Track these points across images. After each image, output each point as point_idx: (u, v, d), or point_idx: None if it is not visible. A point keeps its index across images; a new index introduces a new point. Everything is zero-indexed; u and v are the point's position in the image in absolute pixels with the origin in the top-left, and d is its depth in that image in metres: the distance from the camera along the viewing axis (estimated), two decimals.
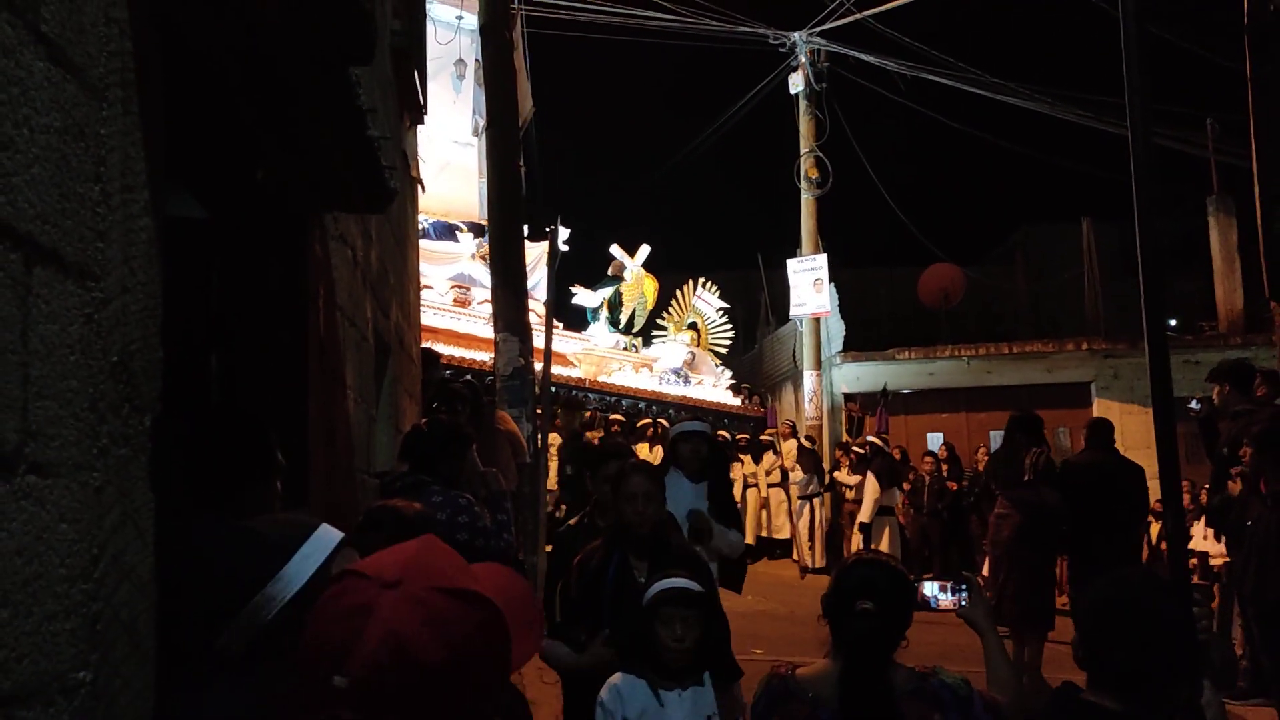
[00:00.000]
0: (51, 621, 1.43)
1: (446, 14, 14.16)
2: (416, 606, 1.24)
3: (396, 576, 1.27)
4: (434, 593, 1.26)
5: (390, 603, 1.24)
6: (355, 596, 1.26)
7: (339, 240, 4.10)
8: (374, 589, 1.26)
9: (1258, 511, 6.14)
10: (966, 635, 2.85)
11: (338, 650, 1.23)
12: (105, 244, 1.65)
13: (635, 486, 3.80)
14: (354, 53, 2.33)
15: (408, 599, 1.25)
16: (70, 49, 1.52)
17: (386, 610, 1.23)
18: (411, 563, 1.30)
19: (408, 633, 1.22)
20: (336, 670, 1.22)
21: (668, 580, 3.21)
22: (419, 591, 1.26)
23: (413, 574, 1.28)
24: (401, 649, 1.21)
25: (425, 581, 1.27)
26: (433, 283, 13.81)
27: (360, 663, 1.21)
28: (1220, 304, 17.78)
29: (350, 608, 1.25)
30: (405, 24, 6.06)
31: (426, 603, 1.25)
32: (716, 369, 18.91)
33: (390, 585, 1.26)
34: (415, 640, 1.21)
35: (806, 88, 17.76)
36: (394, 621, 1.23)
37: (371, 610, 1.24)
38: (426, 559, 1.32)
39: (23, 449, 1.36)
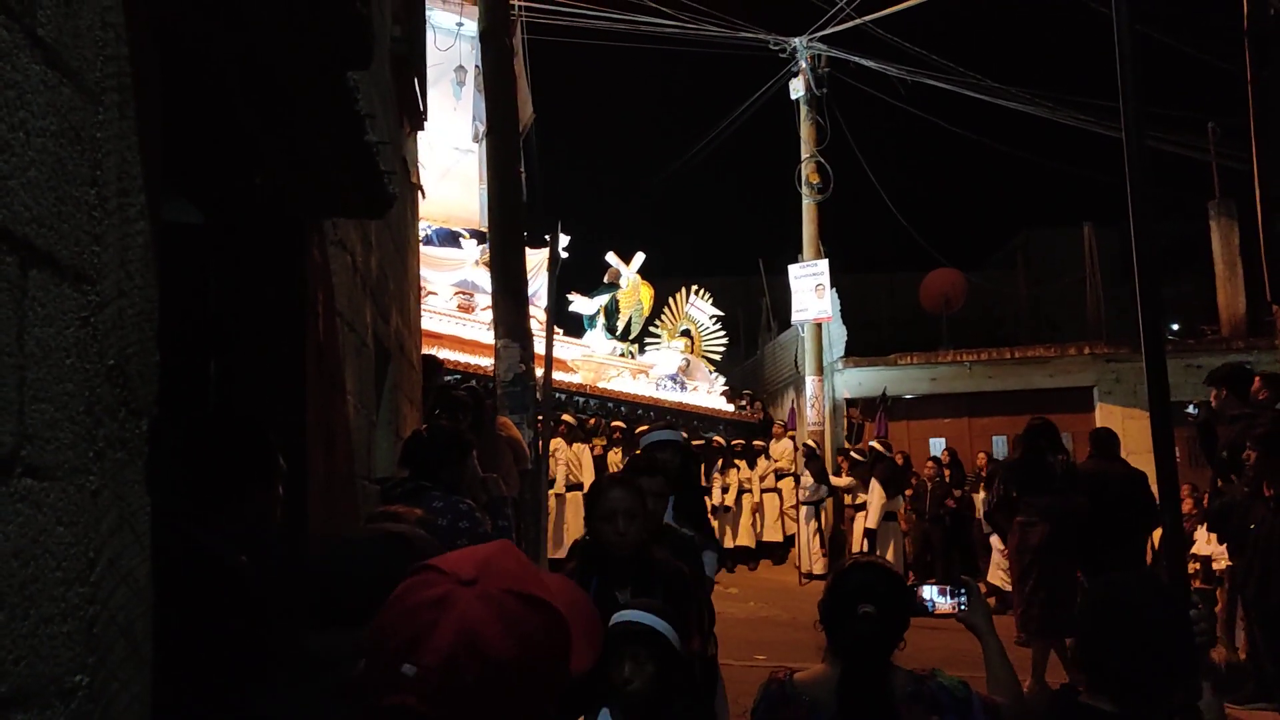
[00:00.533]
0: (48, 625, 1.43)
1: (446, 20, 14.18)
2: (490, 604, 1.29)
3: (473, 575, 1.32)
4: (507, 594, 1.31)
5: (466, 599, 1.29)
6: (432, 590, 1.32)
7: (338, 246, 4.10)
8: (451, 584, 1.31)
9: (1261, 515, 6.14)
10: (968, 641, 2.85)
11: (410, 640, 1.28)
12: (101, 248, 1.65)
13: (615, 503, 3.37)
14: (351, 57, 2.34)
15: (483, 596, 1.30)
16: (66, 53, 1.53)
17: (462, 606, 1.28)
18: (487, 563, 1.36)
19: (481, 629, 1.27)
20: (407, 659, 1.26)
21: (622, 614, 2.92)
22: (493, 590, 1.31)
23: (488, 574, 1.33)
24: (474, 643, 1.26)
25: (500, 582, 1.32)
26: (437, 289, 13.86)
27: (434, 653, 1.26)
28: (1222, 308, 17.76)
29: (427, 600, 1.31)
30: (405, 30, 6.07)
31: (500, 602, 1.30)
32: (711, 375, 18.96)
33: (467, 583, 1.31)
34: (487, 636, 1.27)
35: (807, 93, 17.78)
36: (469, 617, 1.28)
37: (448, 604, 1.29)
38: (501, 561, 1.38)
39: (19, 452, 1.36)
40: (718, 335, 19.57)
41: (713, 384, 18.80)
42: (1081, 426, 17.62)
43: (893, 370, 17.98)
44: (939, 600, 2.74)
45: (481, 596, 1.30)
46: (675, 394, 17.40)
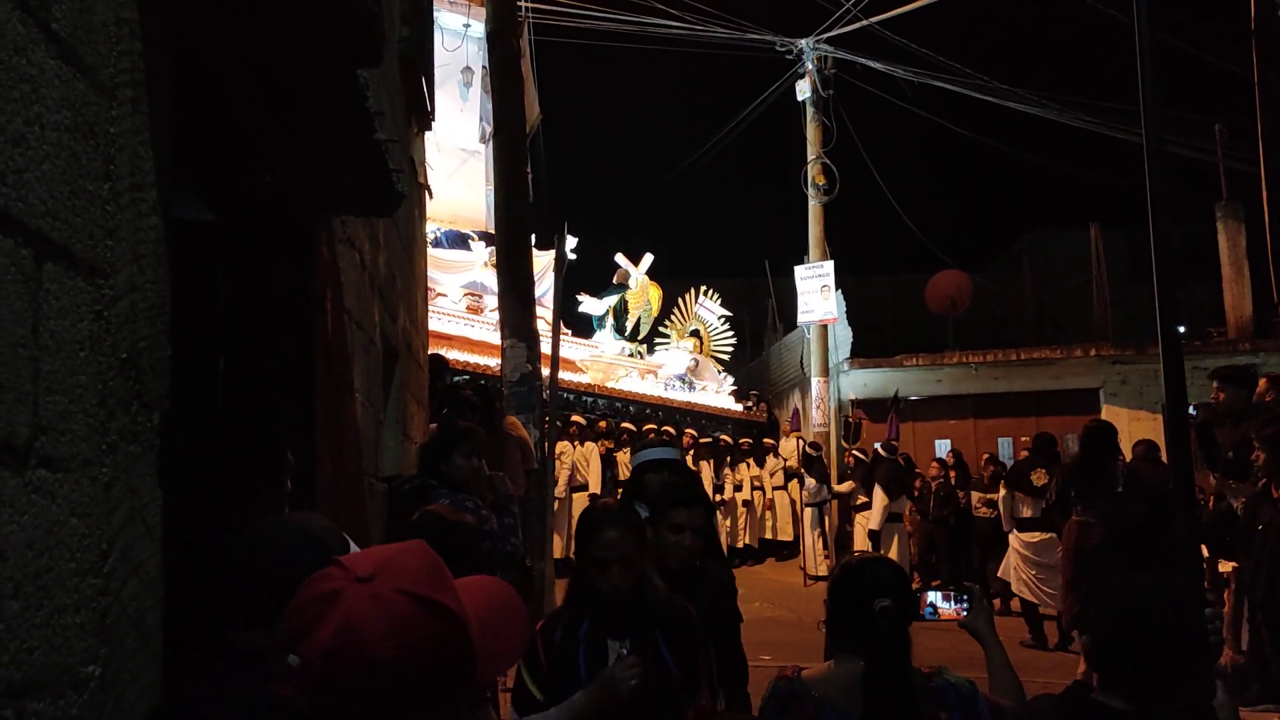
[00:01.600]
0: (62, 615, 1.44)
1: (454, 21, 14.21)
2: (379, 603, 1.29)
3: (370, 572, 1.32)
4: (400, 594, 1.30)
5: (355, 596, 1.29)
6: (327, 585, 1.32)
7: (346, 244, 4.11)
8: (346, 580, 1.31)
9: (1269, 516, 6.13)
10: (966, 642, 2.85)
11: (299, 632, 1.29)
12: (114, 241, 1.66)
13: (608, 549, 2.88)
14: (362, 55, 2.34)
15: (373, 595, 1.29)
16: (81, 48, 1.54)
17: (350, 602, 1.28)
18: (388, 562, 1.35)
19: (363, 627, 1.27)
20: (293, 650, 1.26)
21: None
22: (386, 590, 1.30)
23: (386, 572, 1.33)
24: (354, 641, 1.27)
25: (396, 582, 1.32)
26: (446, 290, 13.92)
27: (314, 647, 1.27)
28: (1229, 310, 17.73)
29: (319, 595, 1.32)
30: (413, 30, 6.08)
31: (390, 602, 1.29)
32: (719, 375, 19.00)
33: (362, 580, 1.31)
34: (368, 635, 1.27)
35: (813, 94, 17.78)
36: (354, 614, 1.28)
37: (337, 600, 1.30)
38: (404, 560, 1.37)
39: (34, 443, 1.37)
40: (726, 335, 19.59)
41: (721, 384, 18.84)
42: None
43: (898, 372, 17.97)
44: (942, 605, 2.74)
45: (372, 595, 1.29)
46: (684, 394, 17.45)
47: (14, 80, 1.33)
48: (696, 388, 18.01)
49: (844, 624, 2.50)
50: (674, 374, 17.67)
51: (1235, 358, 14.99)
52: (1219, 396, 7.18)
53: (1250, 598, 6.35)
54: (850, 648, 2.45)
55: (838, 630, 2.52)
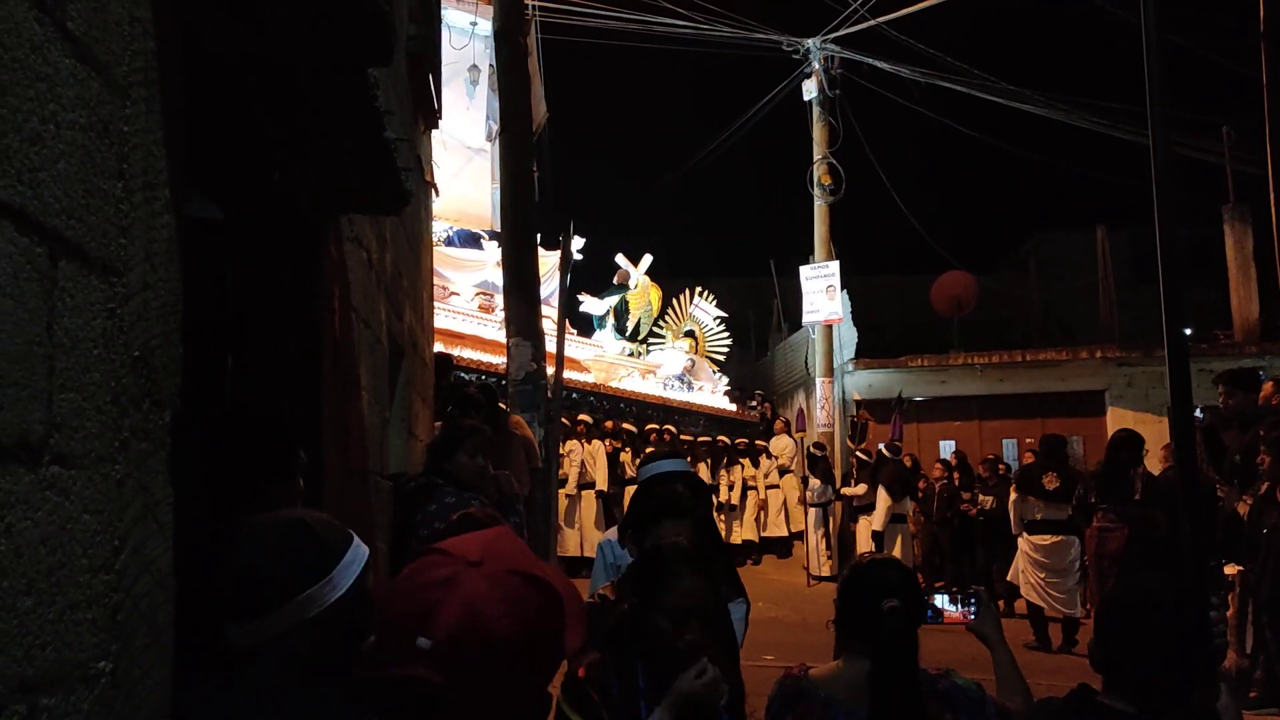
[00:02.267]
0: (74, 611, 1.44)
1: (461, 19, 14.22)
2: (495, 584, 1.41)
3: (479, 557, 1.45)
4: (509, 574, 1.44)
5: (472, 579, 1.41)
6: (441, 570, 1.41)
7: (354, 242, 4.12)
8: (459, 565, 1.43)
9: (1274, 519, 6.13)
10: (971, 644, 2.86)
11: (421, 616, 1.39)
12: (127, 240, 1.67)
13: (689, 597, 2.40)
14: (373, 54, 2.35)
15: (487, 577, 1.42)
16: (96, 46, 1.54)
17: (468, 585, 1.41)
18: (491, 546, 1.48)
19: (485, 606, 1.37)
20: (420, 633, 1.30)
21: None
22: (498, 571, 1.39)
23: (492, 555, 1.45)
24: (478, 620, 1.36)
25: (503, 563, 1.45)
26: (459, 290, 13.98)
27: (441, 627, 1.37)
28: (1235, 312, 17.70)
29: (435, 580, 1.41)
30: (421, 29, 6.09)
31: (502, 582, 1.43)
32: (714, 375, 19.06)
33: (474, 564, 1.43)
34: (490, 613, 1.36)
35: (820, 94, 17.78)
36: (475, 595, 1.40)
37: (455, 584, 1.39)
38: (504, 544, 1.50)
39: (48, 440, 1.38)
40: (721, 336, 19.61)
41: (716, 384, 18.88)
42: (1092, 430, 17.61)
43: (903, 373, 17.96)
44: (949, 608, 2.75)
45: (487, 577, 1.41)
46: (682, 394, 17.51)
47: (30, 79, 1.34)
48: (694, 388, 18.06)
49: (852, 624, 2.50)
50: (672, 374, 17.71)
51: (1241, 360, 14.97)
52: (1225, 400, 7.17)
53: (1255, 601, 6.35)
54: (858, 647, 2.46)
55: (846, 630, 2.53)
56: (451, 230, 14.53)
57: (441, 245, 14.16)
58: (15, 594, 1.28)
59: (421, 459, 5.82)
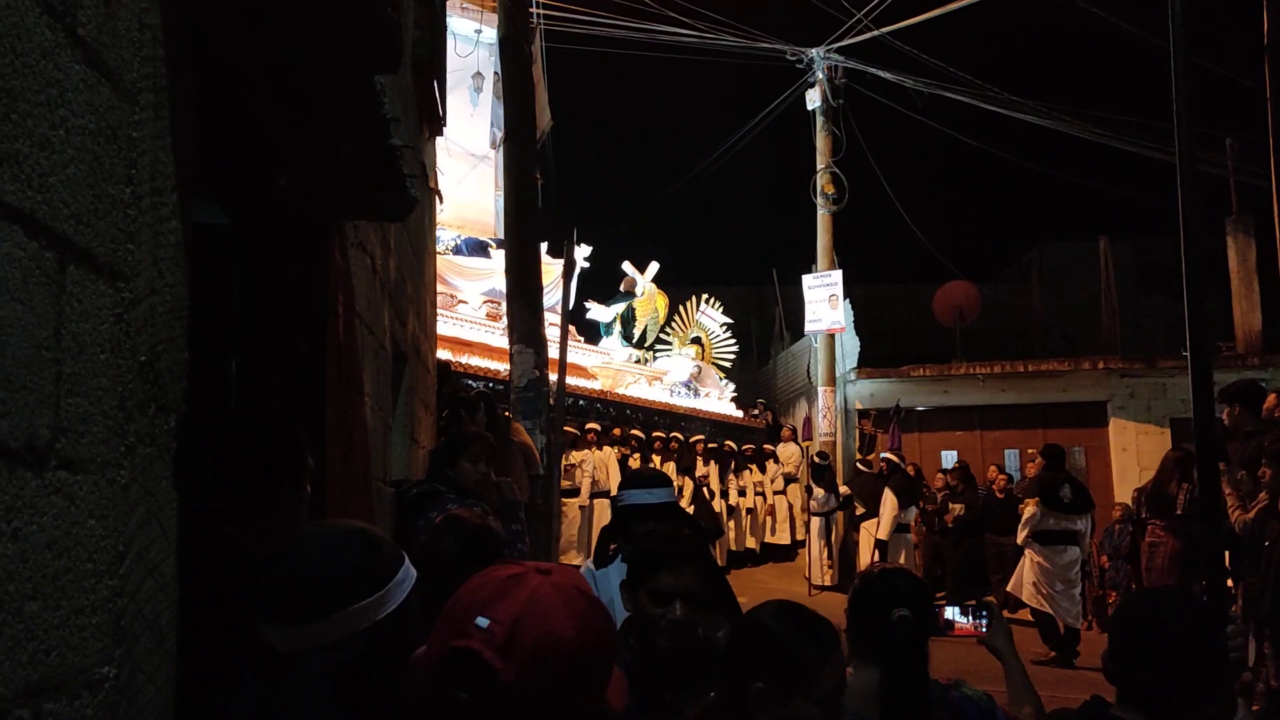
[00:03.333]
0: (78, 616, 1.44)
1: (465, 27, 14.24)
2: (560, 591, 1.46)
3: (549, 568, 1.50)
4: (575, 589, 1.48)
5: (539, 581, 1.46)
6: (512, 569, 1.49)
7: (359, 248, 4.12)
8: (529, 569, 1.49)
9: (1276, 532, 6.11)
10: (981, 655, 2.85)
11: (486, 600, 1.43)
12: (135, 245, 1.67)
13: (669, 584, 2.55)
14: (380, 61, 2.36)
15: (554, 584, 1.47)
16: (105, 53, 1.55)
17: (535, 584, 1.45)
18: (560, 567, 1.56)
19: (548, 604, 1.43)
20: (481, 614, 1.42)
21: None
22: (564, 583, 1.48)
23: (559, 570, 1.52)
24: (540, 613, 1.42)
25: (569, 579, 1.50)
26: (467, 298, 14.00)
27: (504, 611, 1.41)
28: (1238, 324, 17.67)
29: (505, 574, 1.47)
30: (426, 36, 6.10)
31: (568, 592, 1.47)
32: (721, 382, 19.10)
33: (543, 571, 1.49)
34: (552, 612, 1.43)
35: (824, 104, 17.78)
36: (539, 593, 1.44)
37: (523, 580, 1.46)
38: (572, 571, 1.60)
39: (54, 444, 1.38)
40: (728, 342, 19.63)
41: (723, 391, 18.90)
42: (1094, 441, 17.60)
43: (905, 382, 17.95)
44: (960, 620, 2.75)
45: (554, 584, 1.46)
46: (689, 400, 17.54)
47: (41, 84, 1.34)
48: (701, 394, 18.08)
49: (863, 633, 2.50)
50: (678, 380, 17.73)
51: (1244, 372, 14.94)
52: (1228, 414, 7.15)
53: (1257, 613, 6.33)
54: (868, 656, 2.45)
55: (856, 639, 2.52)
56: (459, 238, 14.54)
57: (449, 253, 14.18)
58: (21, 598, 1.28)
59: (424, 465, 5.82)
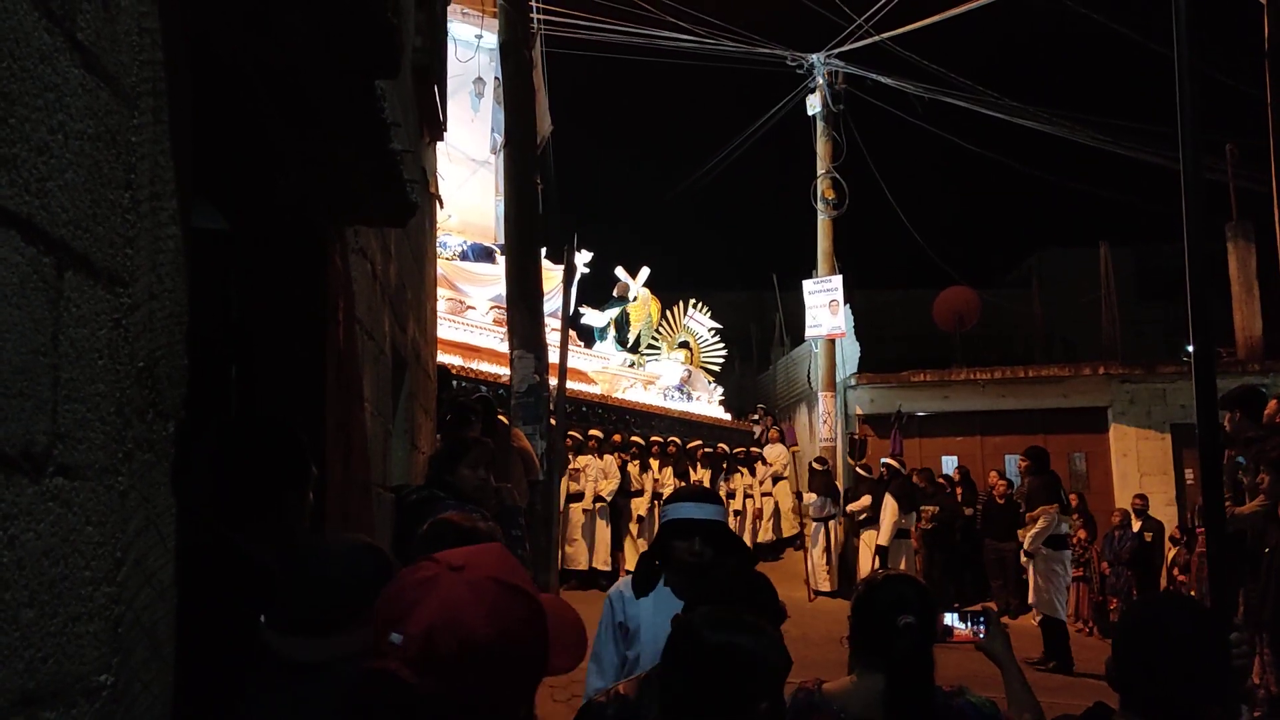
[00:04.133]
0: (75, 623, 1.43)
1: (466, 33, 14.25)
2: (474, 589, 1.42)
3: (462, 563, 1.46)
4: (491, 581, 1.44)
5: (452, 581, 1.42)
6: (425, 572, 1.45)
7: (359, 254, 4.12)
8: (441, 569, 1.45)
9: (1276, 538, 6.11)
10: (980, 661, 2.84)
11: (401, 613, 1.41)
12: (134, 250, 1.66)
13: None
14: (380, 66, 2.35)
15: (467, 582, 1.43)
16: (104, 57, 1.54)
17: (447, 587, 1.42)
18: (475, 555, 1.49)
19: (462, 608, 1.40)
20: (395, 629, 1.39)
21: None
22: (478, 577, 1.44)
23: (476, 563, 1.46)
24: (454, 620, 1.38)
25: (485, 571, 1.45)
26: (475, 303, 14.01)
27: (416, 624, 1.38)
28: (1238, 330, 17.67)
29: (416, 580, 1.44)
30: (427, 41, 6.11)
31: (483, 587, 1.43)
32: (709, 386, 19.17)
33: (455, 569, 1.44)
34: (467, 616, 1.39)
35: (824, 109, 17.80)
36: (452, 597, 1.40)
37: (434, 584, 1.42)
38: (490, 555, 1.52)
39: (51, 451, 1.37)
40: (716, 347, 19.66)
41: (711, 395, 18.98)
42: (1095, 447, 17.59)
43: (906, 388, 17.95)
44: (959, 626, 2.74)
45: (467, 582, 1.42)
46: (682, 404, 17.64)
47: (39, 89, 1.33)
48: (693, 398, 18.13)
49: (867, 639, 2.49)
50: (671, 384, 17.78)
51: (1245, 378, 14.93)
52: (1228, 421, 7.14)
53: (1258, 619, 6.33)
54: (872, 663, 2.44)
55: (860, 645, 2.52)
56: (466, 244, 14.56)
57: (456, 259, 14.19)
58: (18, 606, 1.27)
59: (424, 471, 5.81)
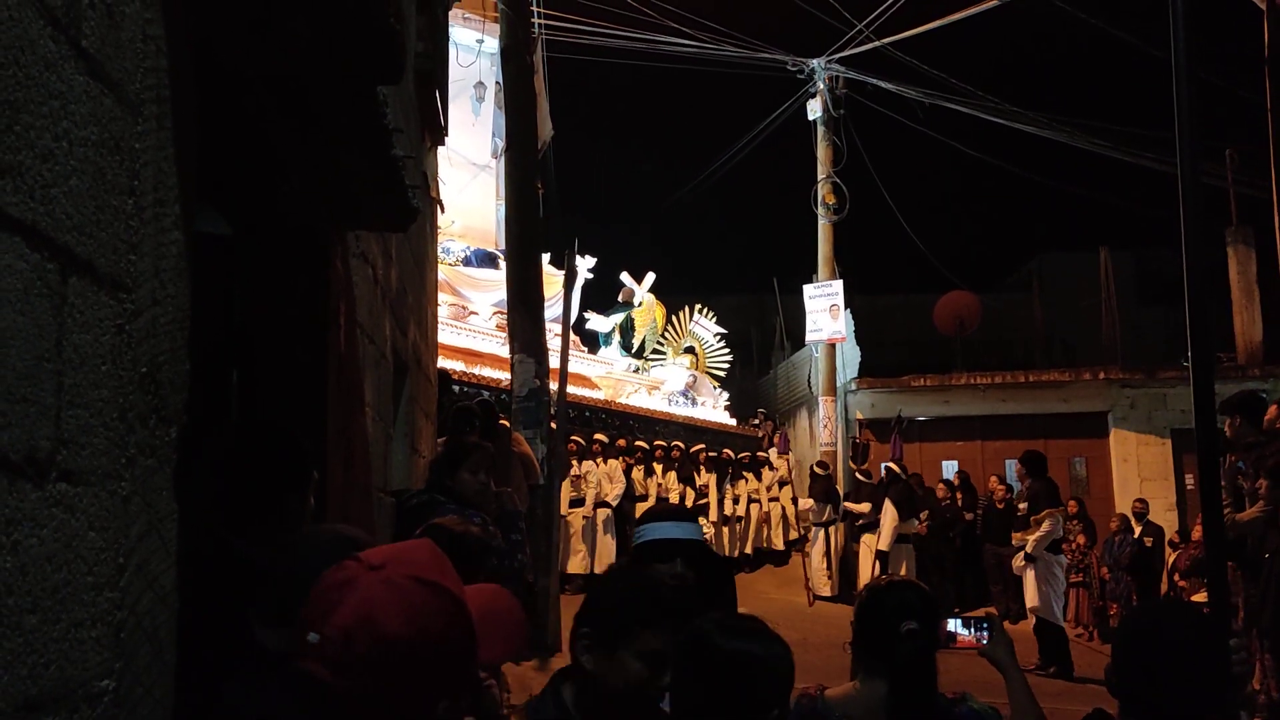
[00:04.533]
0: (78, 629, 1.44)
1: (467, 37, 14.27)
2: (391, 588, 1.43)
3: (381, 562, 1.47)
4: (409, 579, 1.45)
5: (369, 581, 1.44)
6: (344, 573, 1.46)
7: (360, 258, 4.13)
8: (360, 569, 1.46)
9: (1275, 544, 6.11)
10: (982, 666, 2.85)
11: (319, 614, 1.43)
12: (137, 256, 1.67)
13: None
14: (383, 72, 2.36)
15: (385, 581, 1.44)
16: (109, 64, 1.55)
17: (365, 587, 1.43)
18: (397, 554, 1.50)
19: (378, 608, 1.41)
20: (313, 629, 1.41)
21: None
22: (396, 576, 1.44)
23: (395, 562, 1.47)
24: (370, 620, 1.40)
25: (404, 570, 1.46)
26: (478, 309, 14.01)
27: (333, 625, 1.40)
28: (1239, 335, 17.68)
29: (336, 581, 1.45)
30: (429, 46, 6.12)
31: (401, 586, 1.43)
32: (715, 391, 19.16)
33: (374, 568, 1.45)
34: (383, 615, 1.40)
35: (824, 114, 17.82)
36: (368, 596, 1.42)
37: (352, 585, 1.44)
38: (413, 553, 1.52)
39: (55, 456, 1.37)
40: (721, 352, 19.66)
41: (716, 399, 18.97)
42: (1095, 452, 17.59)
43: (906, 392, 17.95)
44: (962, 632, 2.74)
45: (385, 581, 1.44)
46: (686, 409, 17.61)
47: (44, 96, 1.34)
48: (698, 403, 18.13)
49: (870, 645, 2.49)
50: (676, 389, 17.78)
51: (1245, 383, 14.93)
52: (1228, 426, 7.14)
53: (1258, 624, 6.33)
54: (875, 669, 2.45)
55: (863, 651, 2.52)
56: (469, 250, 14.56)
57: (459, 265, 14.19)
58: (20, 612, 1.27)
59: (424, 475, 5.81)
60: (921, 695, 2.38)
